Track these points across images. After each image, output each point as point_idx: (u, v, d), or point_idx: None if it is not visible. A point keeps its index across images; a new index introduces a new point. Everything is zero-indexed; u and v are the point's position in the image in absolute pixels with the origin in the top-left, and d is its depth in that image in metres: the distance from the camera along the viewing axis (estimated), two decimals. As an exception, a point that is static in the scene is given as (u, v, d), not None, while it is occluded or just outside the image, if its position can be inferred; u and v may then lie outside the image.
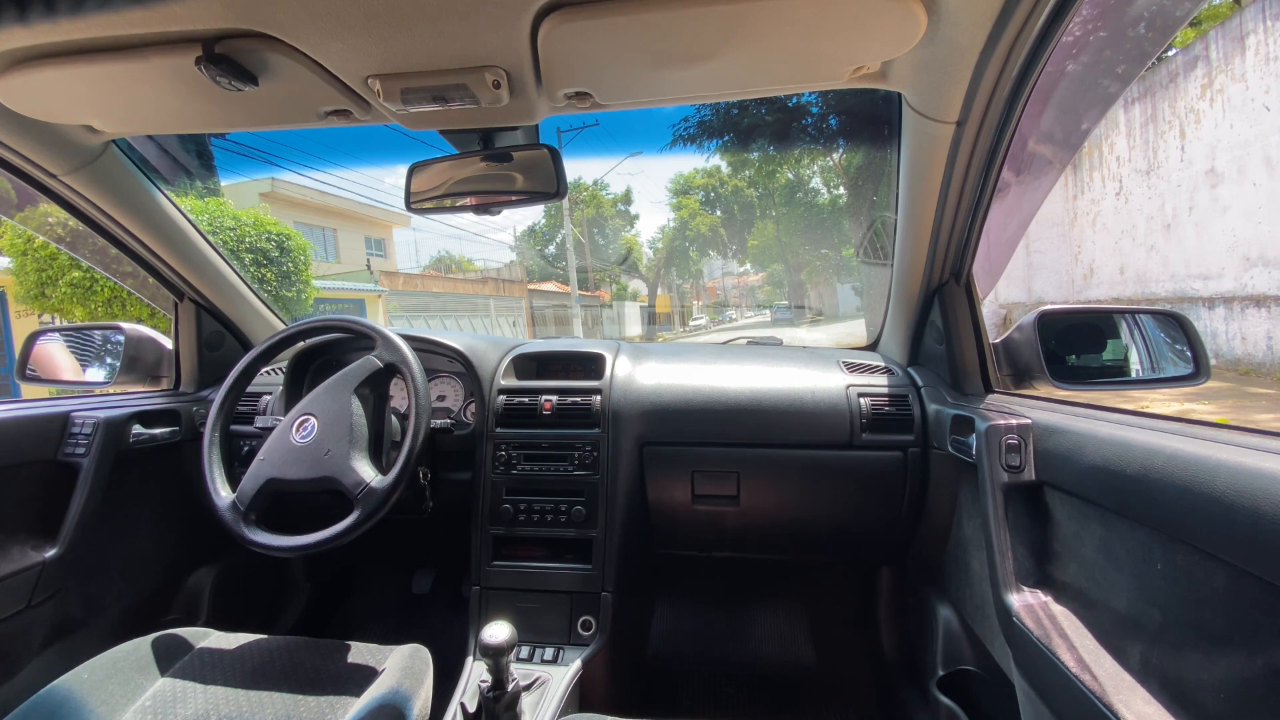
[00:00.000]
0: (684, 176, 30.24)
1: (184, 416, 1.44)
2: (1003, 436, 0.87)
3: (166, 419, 1.40)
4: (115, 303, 5.68)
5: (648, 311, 31.48)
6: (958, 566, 1.14)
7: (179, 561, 1.47)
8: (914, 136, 0.95)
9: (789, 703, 1.54)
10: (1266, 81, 6.29)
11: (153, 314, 5.09)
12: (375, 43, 0.72)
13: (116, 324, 1.49)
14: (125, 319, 6.02)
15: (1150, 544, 0.63)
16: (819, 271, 29.12)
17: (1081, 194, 9.57)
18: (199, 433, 1.42)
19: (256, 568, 1.65)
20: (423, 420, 1.07)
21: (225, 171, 11.26)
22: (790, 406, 1.26)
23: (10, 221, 1.33)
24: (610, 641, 1.22)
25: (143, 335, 1.48)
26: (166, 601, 1.46)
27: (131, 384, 1.50)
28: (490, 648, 0.86)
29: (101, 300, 5.68)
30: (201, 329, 1.50)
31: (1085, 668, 0.67)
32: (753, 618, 1.75)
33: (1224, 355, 6.96)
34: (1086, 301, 9.25)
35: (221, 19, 0.68)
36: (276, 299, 6.72)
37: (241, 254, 6.51)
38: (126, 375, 1.47)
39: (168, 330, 1.52)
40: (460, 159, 1.05)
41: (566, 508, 1.26)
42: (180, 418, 1.43)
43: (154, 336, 1.50)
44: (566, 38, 0.71)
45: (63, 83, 0.80)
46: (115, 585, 1.29)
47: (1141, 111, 8.11)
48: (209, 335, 1.52)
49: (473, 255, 32.50)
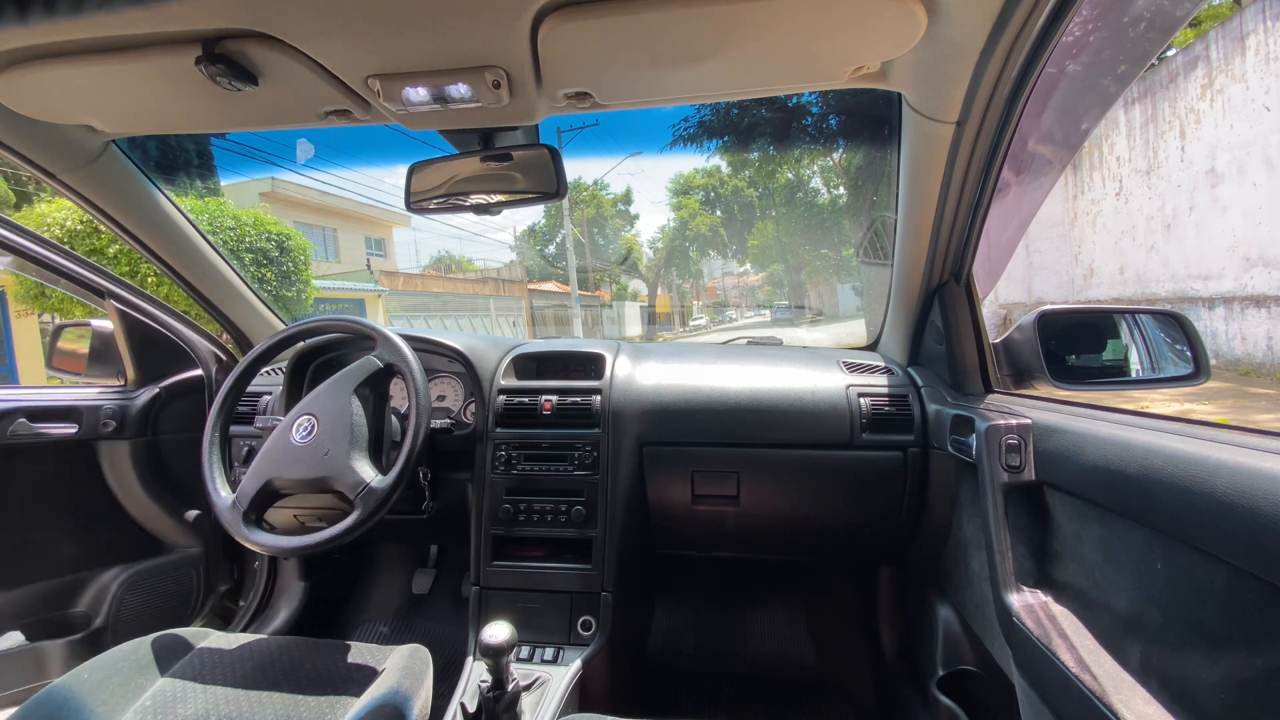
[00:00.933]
0: (684, 176, 30.27)
1: (85, 414, 1.42)
2: (1003, 436, 0.87)
3: (63, 416, 1.39)
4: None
5: (648, 311, 31.47)
6: (958, 566, 1.14)
7: (79, 559, 1.45)
8: (914, 136, 0.95)
9: (789, 703, 1.54)
10: (1267, 82, 6.29)
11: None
12: (375, 43, 0.72)
13: (87, 320, 1.50)
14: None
15: (1150, 544, 0.63)
16: (819, 271, 29.12)
17: (1082, 194, 9.57)
18: (99, 433, 1.42)
19: (174, 568, 1.62)
20: (423, 420, 1.07)
21: (225, 171, 11.28)
22: (790, 406, 1.26)
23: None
24: (610, 641, 1.22)
25: (105, 331, 1.49)
26: (67, 599, 1.45)
27: (99, 378, 1.51)
28: (490, 648, 0.86)
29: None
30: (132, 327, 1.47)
31: (1085, 668, 0.67)
32: (753, 618, 1.75)
33: (1224, 355, 6.96)
34: (1086, 301, 9.25)
35: (221, 19, 0.68)
36: (276, 299, 6.72)
37: (241, 254, 6.52)
38: (94, 369, 1.48)
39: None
40: (460, 159, 1.05)
41: (566, 508, 1.26)
42: (81, 415, 1.41)
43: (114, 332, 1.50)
44: (566, 38, 0.71)
45: (63, 82, 0.80)
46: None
47: (1142, 112, 8.11)
48: (145, 334, 1.49)
49: (473, 255, 32.53)
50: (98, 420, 1.42)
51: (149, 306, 1.46)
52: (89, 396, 1.44)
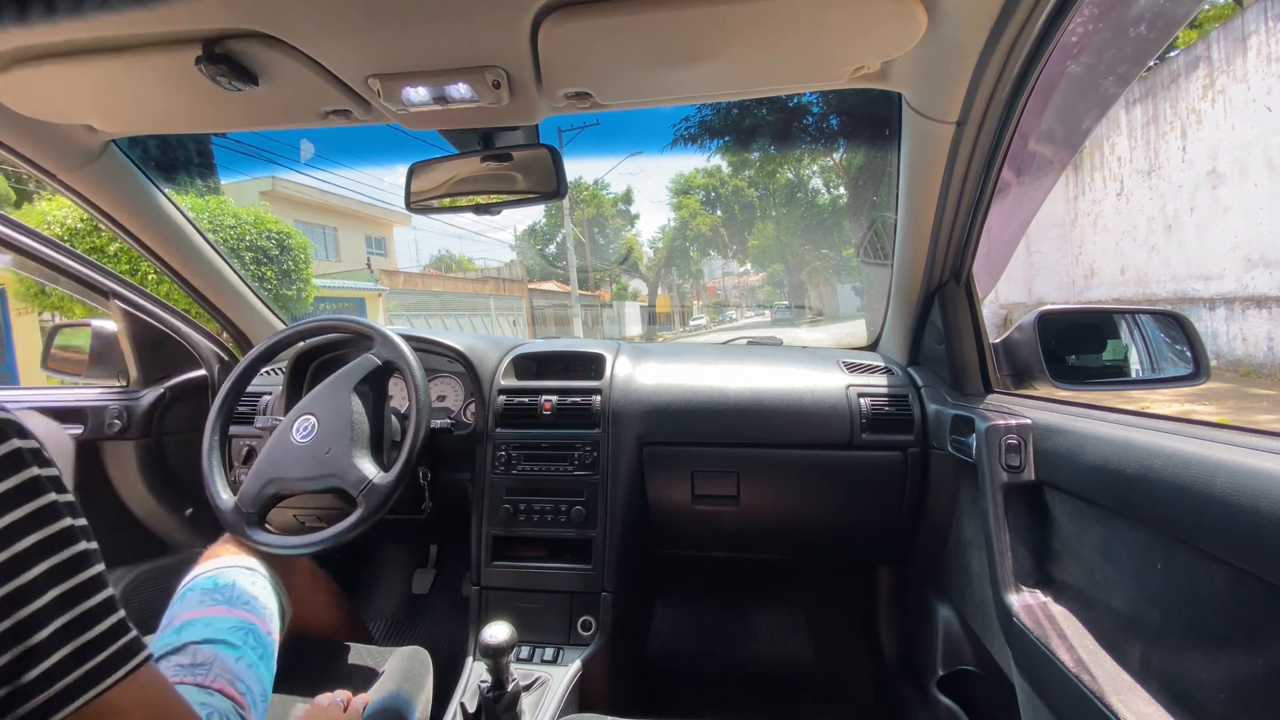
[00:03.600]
0: (684, 176, 30.25)
1: (91, 414, 1.41)
2: (1003, 436, 0.87)
3: (70, 416, 1.39)
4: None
5: (648, 311, 31.47)
6: (958, 566, 1.14)
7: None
8: (914, 136, 0.95)
9: (789, 703, 1.54)
10: (1268, 82, 6.28)
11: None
12: (375, 42, 0.72)
13: (86, 320, 1.49)
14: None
15: (1150, 544, 0.63)
16: (819, 271, 29.13)
17: (1082, 194, 9.56)
18: (105, 433, 1.41)
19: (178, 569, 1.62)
20: (423, 417, 1.07)
21: (226, 170, 11.29)
22: (790, 406, 1.26)
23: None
24: (610, 641, 1.22)
25: (106, 332, 1.48)
26: None
27: (99, 379, 1.50)
28: (490, 648, 0.86)
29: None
30: (136, 328, 1.45)
31: (1085, 668, 0.67)
32: (753, 618, 1.75)
33: (1225, 356, 6.96)
34: (1087, 302, 9.25)
35: (221, 19, 0.68)
36: (276, 298, 6.73)
37: (242, 252, 6.52)
38: (94, 370, 1.47)
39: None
40: (460, 159, 1.05)
41: (566, 508, 1.26)
42: (87, 415, 1.40)
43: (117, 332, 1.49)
44: (566, 38, 0.71)
45: (63, 82, 0.80)
46: None
47: (1143, 112, 8.10)
48: (150, 334, 1.48)
49: (473, 254, 32.51)
50: (104, 420, 1.41)
51: (153, 306, 1.46)
52: (91, 397, 1.43)
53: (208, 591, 0.88)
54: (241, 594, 0.89)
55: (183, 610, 0.84)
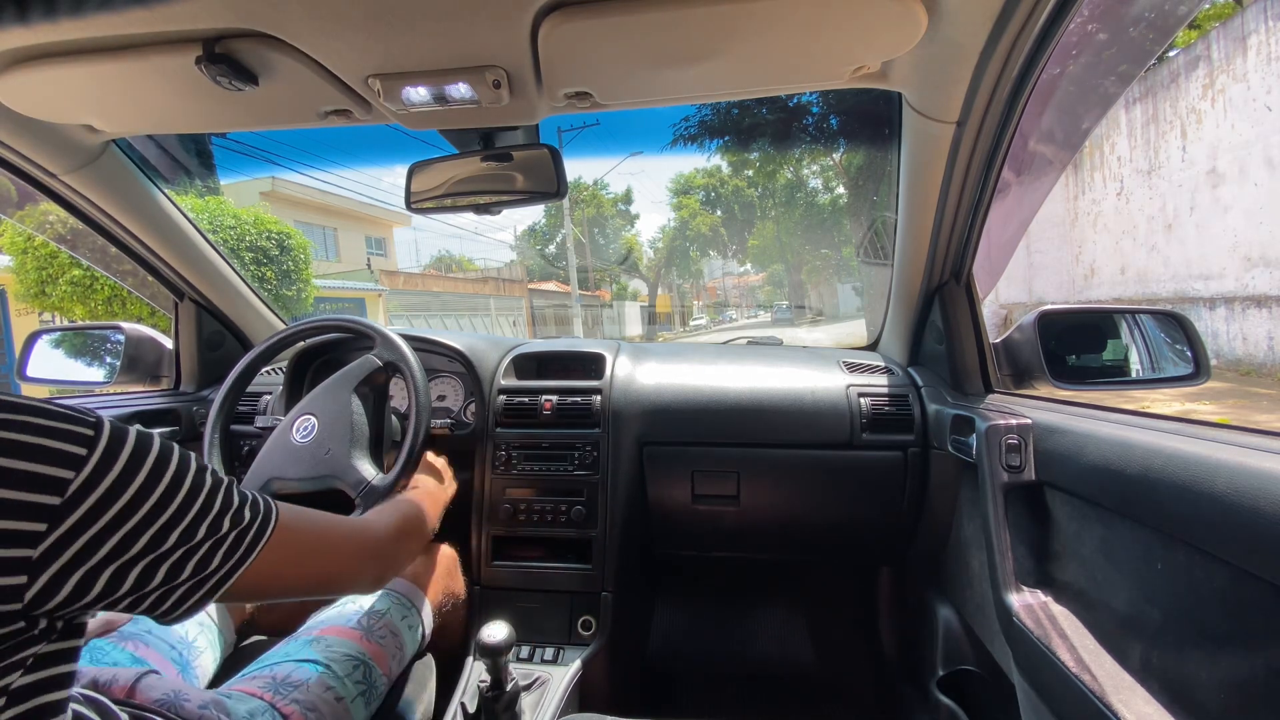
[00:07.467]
0: (684, 176, 30.23)
1: (184, 416, 1.43)
2: (1003, 436, 0.87)
3: (167, 419, 1.40)
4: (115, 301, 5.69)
5: (648, 311, 31.47)
6: (958, 566, 1.14)
7: None
8: (914, 136, 0.95)
9: (789, 703, 1.54)
10: (1268, 81, 6.28)
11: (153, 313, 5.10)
12: (376, 42, 0.72)
13: (117, 324, 1.48)
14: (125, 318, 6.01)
15: (1150, 544, 0.63)
16: (819, 271, 29.13)
17: (1082, 194, 9.56)
18: (199, 432, 1.41)
19: None
20: (423, 418, 1.07)
21: (225, 170, 11.25)
22: (790, 406, 1.26)
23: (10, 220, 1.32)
24: (610, 641, 1.22)
25: (143, 335, 1.48)
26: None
27: (131, 384, 1.49)
28: (489, 647, 0.86)
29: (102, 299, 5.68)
30: (202, 329, 1.49)
31: (1085, 667, 0.67)
32: (753, 618, 1.75)
33: (1225, 355, 6.95)
34: (1087, 301, 9.25)
35: (221, 19, 0.68)
36: (276, 298, 6.73)
37: (242, 252, 6.52)
38: (126, 375, 1.46)
39: (168, 329, 1.52)
40: (460, 159, 1.04)
41: (566, 507, 1.26)
42: (180, 418, 1.42)
43: (154, 336, 1.50)
44: (567, 38, 0.71)
45: (63, 82, 0.80)
46: None
47: (1143, 112, 8.10)
48: (209, 335, 1.52)
49: (473, 254, 32.47)
50: (194, 421, 1.44)
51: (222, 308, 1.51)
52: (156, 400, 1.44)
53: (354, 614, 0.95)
54: (387, 626, 0.96)
55: (322, 625, 0.92)
